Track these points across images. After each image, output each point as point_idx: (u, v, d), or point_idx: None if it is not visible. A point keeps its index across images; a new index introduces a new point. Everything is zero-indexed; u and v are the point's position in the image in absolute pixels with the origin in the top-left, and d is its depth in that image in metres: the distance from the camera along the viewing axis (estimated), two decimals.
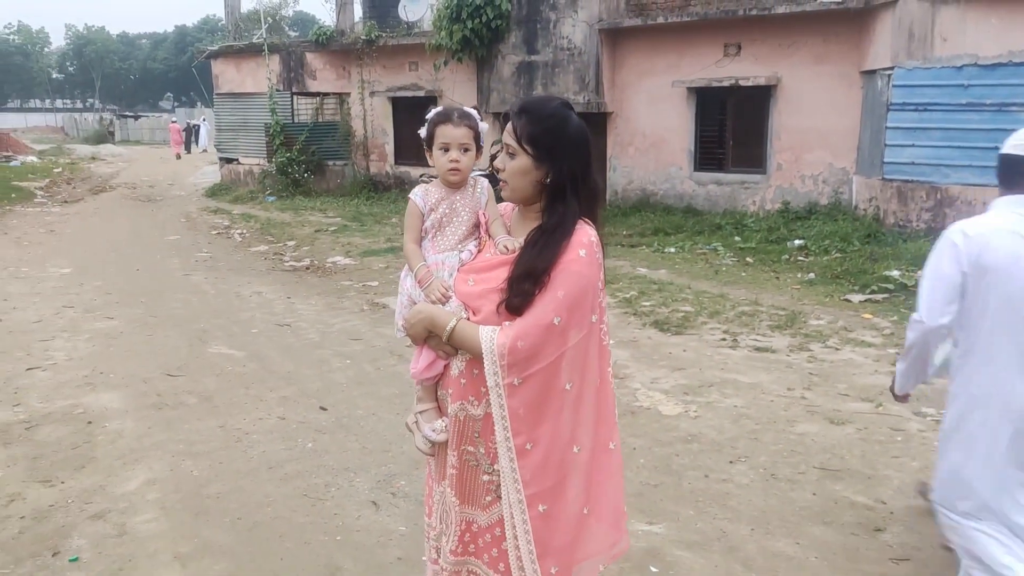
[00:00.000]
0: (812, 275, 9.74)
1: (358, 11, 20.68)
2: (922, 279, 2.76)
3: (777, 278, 9.77)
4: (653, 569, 3.61)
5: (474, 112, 2.39)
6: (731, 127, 14.14)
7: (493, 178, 2.37)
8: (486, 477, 2.23)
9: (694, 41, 13.98)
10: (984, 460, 2.66)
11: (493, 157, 9.92)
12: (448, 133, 2.32)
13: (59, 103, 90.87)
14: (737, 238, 12.10)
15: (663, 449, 4.95)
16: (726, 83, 13.64)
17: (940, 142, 10.91)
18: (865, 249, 10.57)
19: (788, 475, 4.57)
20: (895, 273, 9.26)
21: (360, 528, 4.01)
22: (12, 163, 29.83)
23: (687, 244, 12.00)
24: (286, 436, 5.19)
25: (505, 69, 15.88)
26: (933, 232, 10.71)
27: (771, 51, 13.24)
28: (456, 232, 2.36)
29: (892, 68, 11.29)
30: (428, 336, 2.26)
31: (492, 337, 2.12)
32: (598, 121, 15.42)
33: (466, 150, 2.34)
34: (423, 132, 2.37)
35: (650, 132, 14.86)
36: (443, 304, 2.25)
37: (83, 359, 6.86)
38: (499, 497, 2.19)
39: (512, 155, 2.22)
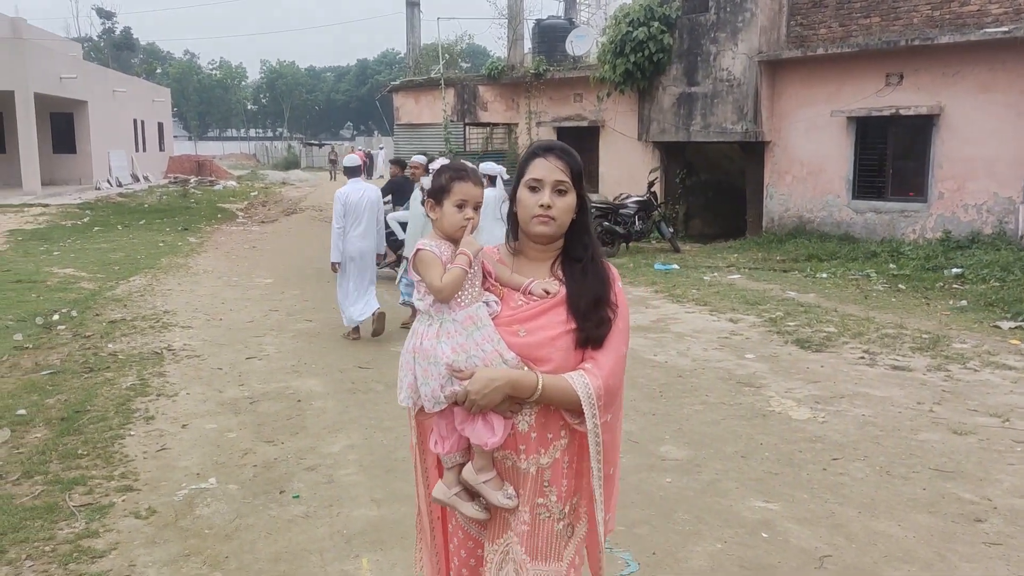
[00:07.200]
0: (964, 302, 9.82)
1: (527, 45, 21.97)
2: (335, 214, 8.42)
3: (927, 304, 9.92)
4: (764, 535, 4.22)
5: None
6: (891, 156, 14.17)
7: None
8: (560, 525, 2.25)
9: (854, 71, 14.16)
10: (350, 267, 8.46)
11: (651, 184, 11.42)
12: (467, 191, 2.25)
13: (252, 132, 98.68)
14: (892, 265, 12.20)
15: (788, 446, 5.49)
16: (887, 112, 13.72)
17: None
18: None
19: (902, 473, 5.02)
20: None
21: None
22: (216, 187, 33.19)
23: (840, 270, 12.23)
24: None
25: (665, 100, 16.56)
26: None
27: (934, 80, 13.24)
28: (474, 284, 2.23)
29: None
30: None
31: (587, 383, 2.13)
32: (756, 150, 15.81)
33: (477, 207, 2.28)
34: (426, 181, 2.31)
35: (808, 160, 15.10)
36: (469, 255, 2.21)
37: (289, 352, 8.10)
38: (571, 536, 2.28)
39: (563, 192, 2.22)
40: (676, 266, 13.40)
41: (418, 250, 2.23)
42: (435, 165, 2.33)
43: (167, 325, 9.08)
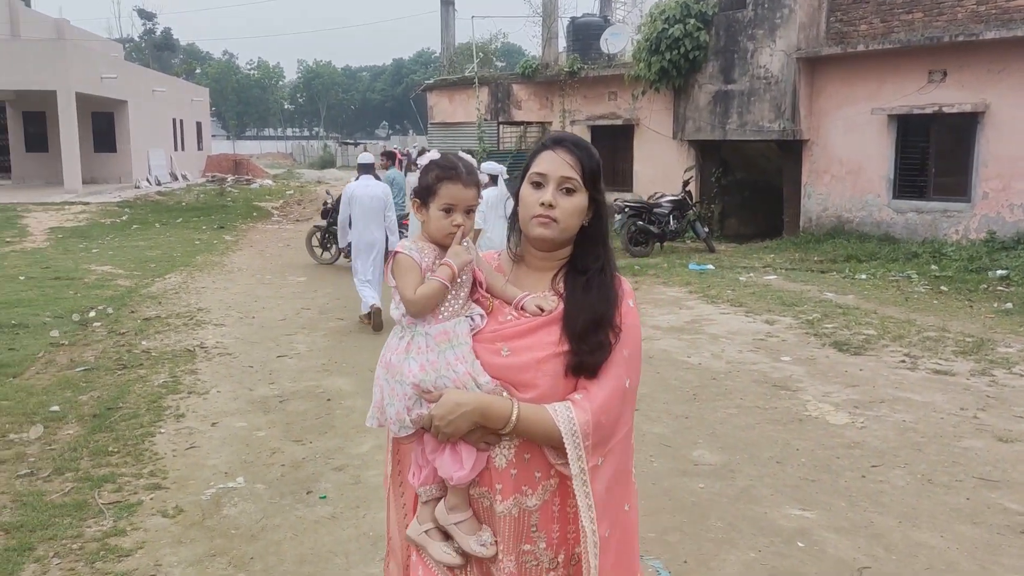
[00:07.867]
0: (1009, 305, 9.56)
1: (561, 43, 21.86)
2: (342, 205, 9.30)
3: (971, 307, 9.67)
4: (800, 544, 4.10)
5: (474, 162, 2.13)
6: (934, 155, 13.84)
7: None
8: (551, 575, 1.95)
9: (896, 68, 13.86)
10: (361, 258, 9.20)
11: (686, 183, 11.28)
12: (456, 194, 1.94)
13: (289, 131, 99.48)
14: (934, 267, 11.92)
15: (825, 452, 5.35)
16: (929, 110, 13.42)
17: None
18: None
19: (945, 481, 4.86)
20: None
21: None
22: (252, 186, 33.48)
23: (879, 271, 11.98)
24: None
25: (701, 98, 16.37)
26: None
27: (979, 77, 12.92)
28: (459, 295, 1.95)
29: None
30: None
31: (571, 416, 1.80)
32: (793, 149, 15.57)
33: (469, 212, 1.98)
34: (413, 179, 2.02)
35: (847, 159, 14.82)
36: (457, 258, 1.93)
37: (320, 351, 8.10)
38: None
39: (571, 191, 1.92)
40: (711, 266, 13.22)
41: (396, 253, 1.96)
42: (423, 160, 2.01)
43: (200, 323, 9.13)
